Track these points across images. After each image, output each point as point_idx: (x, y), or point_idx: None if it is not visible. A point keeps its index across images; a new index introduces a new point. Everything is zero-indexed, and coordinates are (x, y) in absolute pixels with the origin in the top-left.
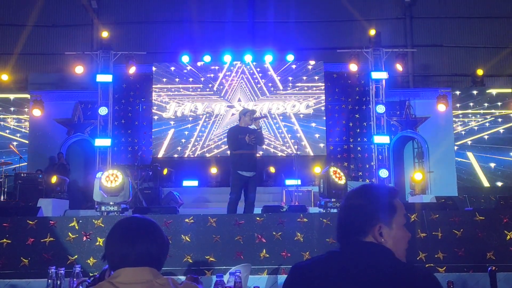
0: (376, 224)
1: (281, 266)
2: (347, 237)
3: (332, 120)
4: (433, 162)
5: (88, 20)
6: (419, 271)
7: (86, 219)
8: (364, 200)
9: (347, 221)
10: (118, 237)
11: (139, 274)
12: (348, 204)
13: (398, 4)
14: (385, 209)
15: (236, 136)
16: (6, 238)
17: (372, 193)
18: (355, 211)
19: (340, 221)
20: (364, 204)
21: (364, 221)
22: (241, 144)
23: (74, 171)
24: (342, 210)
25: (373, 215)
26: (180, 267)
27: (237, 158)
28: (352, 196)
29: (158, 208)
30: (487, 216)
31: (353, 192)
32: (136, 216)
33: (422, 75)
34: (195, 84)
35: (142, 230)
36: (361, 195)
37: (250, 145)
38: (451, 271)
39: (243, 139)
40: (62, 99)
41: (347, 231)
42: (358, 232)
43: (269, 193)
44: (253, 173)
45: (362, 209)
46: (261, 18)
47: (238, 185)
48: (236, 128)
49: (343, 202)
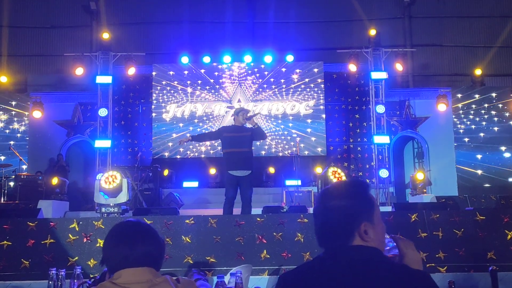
0: (361, 223)
1: (282, 266)
2: (332, 242)
3: (332, 121)
4: (433, 162)
5: (87, 22)
6: (414, 271)
7: (87, 220)
8: (345, 200)
9: (330, 225)
10: (117, 240)
11: (140, 274)
12: (328, 207)
13: (397, 3)
14: (366, 206)
15: (224, 135)
16: (7, 240)
17: (350, 191)
18: (337, 213)
19: (321, 226)
20: (345, 205)
21: (348, 222)
22: (230, 143)
23: (74, 173)
24: (321, 213)
25: (357, 215)
26: (181, 268)
27: (227, 157)
28: (330, 198)
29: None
30: (487, 215)
31: (329, 193)
32: (132, 220)
33: (421, 75)
34: (195, 85)
35: (140, 232)
36: (340, 195)
37: (240, 143)
38: (452, 270)
39: (233, 138)
40: (62, 100)
41: (331, 235)
42: (344, 236)
43: (269, 193)
44: (246, 171)
45: (344, 210)
46: (261, 18)
47: (229, 185)
48: (230, 127)
49: (319, 205)
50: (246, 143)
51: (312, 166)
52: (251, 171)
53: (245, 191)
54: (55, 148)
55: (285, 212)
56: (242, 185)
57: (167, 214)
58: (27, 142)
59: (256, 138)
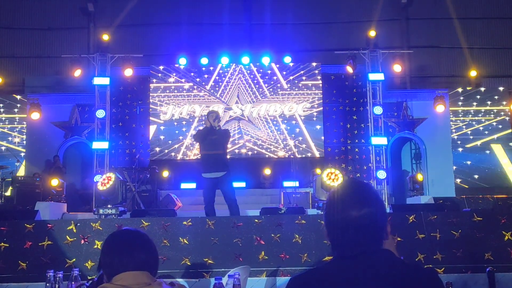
0: (386, 225)
1: (279, 268)
2: (366, 247)
3: (330, 122)
4: (431, 163)
5: (85, 23)
6: (426, 271)
7: (84, 222)
8: (373, 206)
9: (364, 232)
10: (117, 249)
11: (139, 277)
12: (357, 216)
13: (394, 5)
14: (384, 207)
15: (198, 138)
16: (4, 242)
17: (372, 196)
18: (370, 220)
19: (350, 234)
20: (375, 211)
21: (382, 227)
22: (202, 146)
23: (71, 174)
24: (351, 222)
25: (385, 219)
26: (178, 270)
27: (200, 160)
28: (355, 206)
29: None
30: (485, 216)
31: (351, 200)
32: (129, 229)
33: (419, 76)
34: (193, 86)
35: (139, 241)
36: (365, 201)
37: (212, 146)
38: (449, 272)
39: (205, 140)
40: (59, 102)
41: (364, 241)
42: (379, 239)
43: (267, 195)
44: (221, 173)
45: (375, 216)
46: (258, 20)
47: (205, 188)
48: (202, 130)
49: (343, 215)
50: (218, 145)
51: (310, 167)
52: (225, 171)
53: (225, 193)
54: (52, 149)
55: (283, 213)
56: (221, 187)
57: (165, 216)
58: (25, 143)
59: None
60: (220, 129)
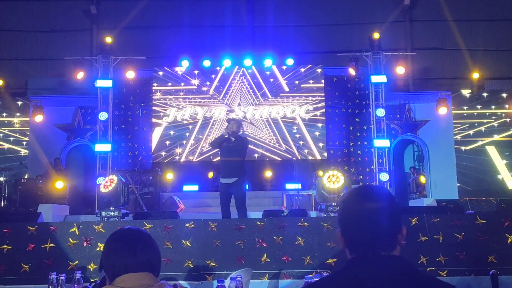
0: (401, 225)
1: (282, 270)
2: (379, 248)
3: (332, 124)
4: (434, 165)
5: (87, 25)
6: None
7: (87, 224)
8: (390, 203)
9: (378, 226)
10: (119, 248)
11: (142, 278)
12: (375, 207)
13: (397, 7)
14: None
15: (214, 145)
16: (7, 244)
17: (389, 193)
18: (384, 215)
19: (368, 228)
20: (389, 207)
21: (396, 225)
22: (221, 152)
23: (74, 177)
24: (368, 214)
25: (399, 216)
26: (181, 272)
27: (219, 165)
28: (373, 199)
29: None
30: (488, 219)
31: (368, 193)
32: (132, 228)
33: (422, 78)
34: (195, 88)
35: (142, 241)
36: (382, 196)
37: (228, 153)
38: (452, 274)
39: (222, 147)
40: (62, 104)
41: (378, 240)
42: (392, 241)
43: (270, 197)
44: (233, 179)
45: (389, 211)
46: (261, 22)
47: (220, 192)
48: (218, 137)
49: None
50: (234, 151)
51: (312, 169)
52: (238, 177)
53: (236, 197)
54: (55, 152)
55: (285, 215)
56: (233, 191)
57: (167, 218)
58: (28, 146)
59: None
60: (239, 136)
